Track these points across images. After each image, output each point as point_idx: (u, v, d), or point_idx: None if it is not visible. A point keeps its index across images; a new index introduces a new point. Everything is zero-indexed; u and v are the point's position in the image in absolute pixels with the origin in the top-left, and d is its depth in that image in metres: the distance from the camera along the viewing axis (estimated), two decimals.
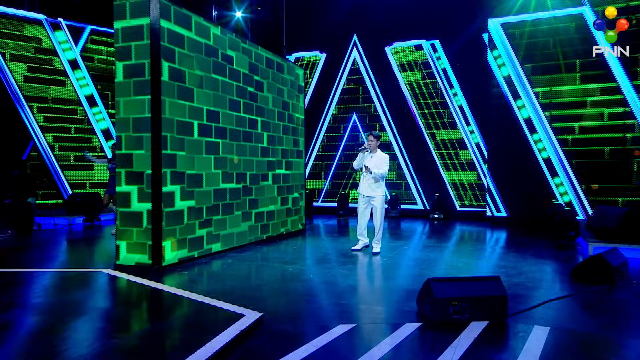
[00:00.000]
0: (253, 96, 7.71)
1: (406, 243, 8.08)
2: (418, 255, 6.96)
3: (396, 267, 6.14)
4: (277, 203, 8.47)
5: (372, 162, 6.90)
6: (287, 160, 8.82)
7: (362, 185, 6.97)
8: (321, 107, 12.98)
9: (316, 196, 13.11)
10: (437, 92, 11.75)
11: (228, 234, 7.07)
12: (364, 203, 7.02)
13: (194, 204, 6.31)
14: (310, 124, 13.01)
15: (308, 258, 6.74)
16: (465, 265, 6.17)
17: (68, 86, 11.56)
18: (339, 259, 6.67)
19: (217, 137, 6.81)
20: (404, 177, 12.19)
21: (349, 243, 7.42)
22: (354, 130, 12.69)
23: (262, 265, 6.22)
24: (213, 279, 5.60)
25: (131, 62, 5.70)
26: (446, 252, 7.14)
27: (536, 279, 5.44)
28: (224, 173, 6.99)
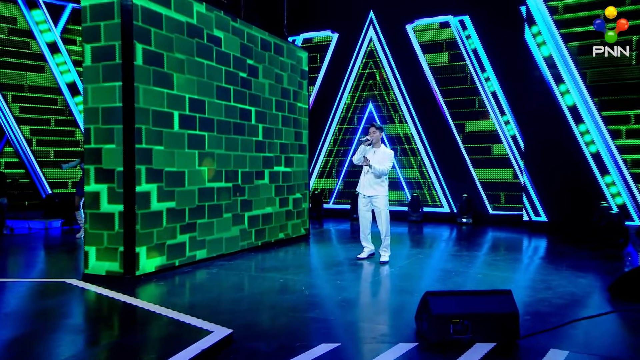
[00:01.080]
0: (246, 83, 7.74)
1: (424, 251, 8.03)
2: (435, 266, 6.92)
3: (406, 279, 6.11)
4: (274, 205, 8.49)
5: (375, 158, 6.91)
6: (287, 156, 8.84)
7: (363, 183, 6.98)
8: (333, 95, 12.98)
9: (327, 197, 13.12)
10: (467, 76, 11.63)
11: (215, 239, 7.12)
12: (364, 204, 7.02)
13: (174, 205, 6.37)
14: (320, 114, 13.02)
15: (305, 267, 6.76)
16: (486, 277, 6.10)
17: (47, 72, 11.79)
18: (340, 268, 6.67)
19: (202, 129, 6.86)
20: (427, 176, 12.11)
21: (358, 251, 7.41)
22: (370, 121, 12.62)
23: (251, 276, 6.26)
24: (193, 290, 5.64)
25: (100, 44, 5.79)
26: (468, 262, 7.07)
27: (566, 295, 5.34)
28: (212, 171, 7.02)
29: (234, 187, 7.49)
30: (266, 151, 8.26)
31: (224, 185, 7.30)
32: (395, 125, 12.39)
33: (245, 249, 7.76)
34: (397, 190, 12.43)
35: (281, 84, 8.67)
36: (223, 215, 7.28)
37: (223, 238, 7.28)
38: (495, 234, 10.16)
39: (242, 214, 7.69)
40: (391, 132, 12.42)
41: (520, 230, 10.37)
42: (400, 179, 12.36)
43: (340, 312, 4.71)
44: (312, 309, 4.78)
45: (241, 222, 7.67)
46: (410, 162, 12.27)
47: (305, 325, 4.35)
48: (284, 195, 8.76)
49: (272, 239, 8.41)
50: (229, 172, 7.40)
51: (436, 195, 12.05)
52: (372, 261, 7.05)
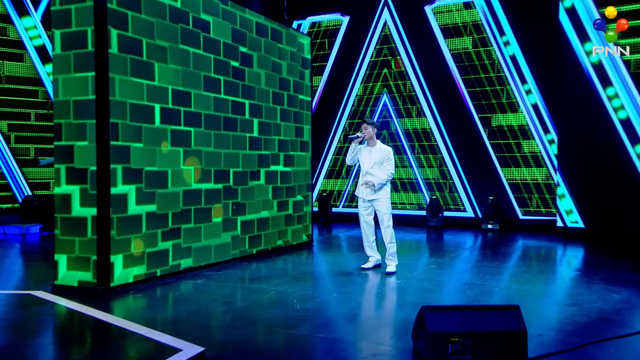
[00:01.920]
0: (238, 73, 7.76)
1: (440, 261, 8.00)
2: (450, 277, 6.89)
3: (413, 292, 6.09)
4: (272, 208, 8.51)
5: (371, 158, 6.90)
6: (286, 154, 8.84)
7: (361, 186, 6.98)
8: (343, 86, 12.97)
9: (336, 200, 13.11)
10: (493, 63, 11.54)
11: (203, 247, 7.15)
12: (365, 209, 7.05)
13: (154, 208, 6.41)
14: (329, 107, 13.02)
15: (302, 279, 6.77)
16: (504, 291, 6.04)
17: (26, 61, 11.95)
18: (341, 279, 6.68)
19: (188, 124, 6.89)
20: (448, 176, 12.04)
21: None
22: (385, 115, 12.60)
23: (240, 287, 6.30)
24: (173, 303, 5.67)
25: (71, 30, 5.84)
26: (487, 273, 7.02)
27: (593, 312, 5.27)
28: (198, 170, 7.06)
29: (224, 189, 7.50)
30: (262, 149, 8.27)
31: (213, 187, 7.32)
32: (413, 120, 12.34)
33: (238, 257, 7.77)
34: (414, 192, 12.37)
35: (279, 74, 8.68)
36: (212, 220, 7.31)
37: (212, 245, 7.31)
38: (525, 242, 10.08)
39: (234, 219, 7.71)
40: (408, 127, 12.37)
41: (553, 238, 10.25)
42: (418, 180, 12.30)
43: (333, 329, 4.70)
44: (301, 324, 4.78)
45: (233, 228, 7.69)
46: (429, 161, 12.21)
47: (290, 344, 4.34)
48: (283, 197, 8.76)
49: (269, 247, 8.41)
50: (219, 172, 7.42)
51: (458, 198, 11.98)
52: (378, 272, 7.05)
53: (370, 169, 6.90)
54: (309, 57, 9.50)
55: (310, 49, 9.67)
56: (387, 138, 12.50)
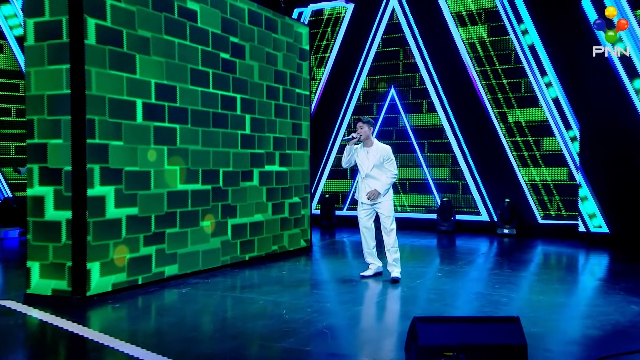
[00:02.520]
0: (229, 65, 7.78)
1: (448, 268, 8.00)
2: (456, 286, 6.87)
3: (413, 303, 6.09)
4: (266, 211, 8.52)
5: (370, 160, 6.92)
6: (282, 153, 8.85)
7: (361, 188, 7.02)
8: (347, 79, 12.97)
9: (340, 202, 13.11)
10: (511, 54, 11.49)
11: (189, 253, 7.17)
12: (366, 213, 7.06)
13: (136, 212, 6.43)
14: (332, 102, 13.03)
15: (295, 287, 6.78)
16: (513, 301, 6.01)
17: (6, 52, 12.04)
18: (338, 288, 6.68)
19: (173, 121, 6.92)
20: (461, 176, 12.01)
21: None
22: (393, 111, 12.60)
23: (228, 297, 6.31)
24: (153, 314, 5.69)
25: (44, 19, 5.87)
26: (497, 282, 7.00)
27: (607, 324, 5.22)
28: (184, 170, 7.08)
29: (213, 190, 7.52)
30: (255, 147, 8.28)
31: (201, 188, 7.34)
32: (423, 115, 12.32)
33: (228, 264, 7.79)
34: (424, 194, 12.35)
35: (274, 66, 8.69)
36: (200, 224, 7.32)
37: (199, 251, 7.32)
38: (544, 248, 10.05)
39: (224, 222, 7.72)
40: (418, 123, 12.36)
41: (575, 245, 10.18)
42: (428, 181, 12.28)
43: (320, 342, 4.68)
44: (287, 337, 4.77)
45: (223, 233, 7.71)
46: (440, 160, 12.18)
47: (271, 358, 4.34)
48: (278, 199, 8.77)
49: (262, 253, 8.42)
50: (207, 172, 7.44)
51: (472, 200, 11.95)
52: (378, 280, 7.04)
53: (370, 172, 6.89)
54: (307, 48, 9.50)
55: (310, 40, 9.67)
56: (395, 135, 12.48)
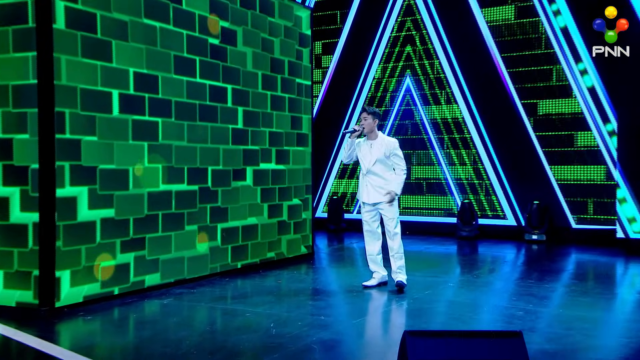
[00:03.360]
0: (218, 52, 7.80)
1: (464, 278, 7.99)
2: (470, 298, 6.84)
3: (417, 316, 6.06)
4: (261, 214, 8.53)
5: (373, 154, 6.89)
6: (279, 150, 8.86)
7: (364, 188, 6.99)
8: (358, 68, 12.96)
9: (350, 204, 13.10)
10: (540, 38, 11.40)
11: (173, 259, 7.20)
12: (371, 215, 7.05)
13: (112, 214, 6.48)
14: (341, 93, 13.02)
15: (289, 297, 6.79)
16: (529, 315, 5.97)
17: None
18: (336, 299, 6.70)
19: (154, 114, 6.95)
20: (484, 175, 11.94)
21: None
22: (408, 102, 12.55)
23: (212, 308, 6.33)
24: (129, 328, 5.71)
25: (8, 2, 5.92)
26: (515, 294, 6.97)
27: (635, 342, 5.19)
28: (167, 169, 7.11)
29: (200, 190, 7.54)
30: (249, 143, 8.30)
31: (187, 189, 7.37)
32: (442, 107, 12.26)
33: (218, 272, 7.81)
34: (442, 195, 12.30)
35: (271, 54, 8.70)
36: (185, 228, 7.35)
37: (184, 258, 7.35)
38: (578, 256, 9.98)
39: (212, 226, 7.74)
40: (436, 116, 12.31)
41: (613, 252, 10.04)
42: (447, 180, 12.22)
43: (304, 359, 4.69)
44: (270, 353, 4.78)
45: (212, 237, 7.73)
46: (461, 157, 12.13)
47: None
48: (275, 201, 8.78)
49: (257, 260, 8.44)
50: (194, 171, 7.47)
51: (497, 203, 11.88)
52: (382, 290, 7.03)
53: (372, 167, 6.87)
54: (309, 33, 9.51)
55: (315, 24, 9.67)
56: (410, 130, 12.45)
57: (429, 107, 12.37)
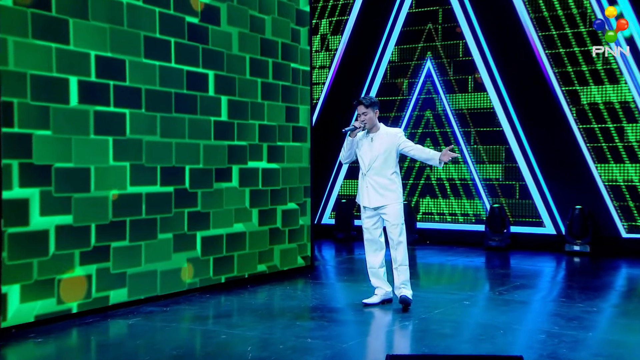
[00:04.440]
0: (197, 32, 7.79)
1: (484, 295, 7.98)
2: (485, 318, 6.83)
3: (418, 338, 6.02)
4: (249, 220, 8.53)
5: (374, 150, 6.87)
6: (271, 146, 8.85)
7: (364, 190, 6.98)
8: (370, 50, 12.95)
9: None
10: (585, 13, 11.31)
11: (144, 273, 7.20)
12: (372, 222, 7.05)
13: (70, 220, 6.49)
14: (351, 80, 13.01)
15: (276, 317, 6.79)
16: (553, 338, 5.90)
17: None
18: (330, 319, 6.65)
19: (121, 104, 6.94)
20: (518, 176, 11.86)
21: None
22: (429, 90, 12.52)
23: (185, 329, 6.34)
24: (93, 351, 5.70)
25: None
26: (540, 313, 6.89)
27: None
28: (136, 167, 7.12)
29: (176, 193, 7.54)
30: (234, 138, 8.29)
31: (160, 191, 7.37)
32: (469, 96, 12.22)
33: (197, 288, 7.81)
34: (468, 198, 12.24)
35: (261, 34, 8.69)
36: (157, 236, 7.35)
37: (157, 272, 7.35)
38: (629, 270, 9.95)
39: (191, 234, 7.74)
40: (461, 106, 12.26)
41: None
42: (474, 181, 12.16)
43: None
44: None
45: (190, 247, 7.73)
46: (491, 154, 12.07)
47: None
48: (267, 205, 8.77)
49: (245, 274, 8.43)
50: (168, 171, 7.46)
51: (532, 207, 11.81)
52: (386, 309, 7.01)
53: (374, 164, 6.84)
54: (307, 10, 9.50)
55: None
56: (432, 122, 12.41)
57: (453, 95, 12.33)
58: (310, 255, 9.53)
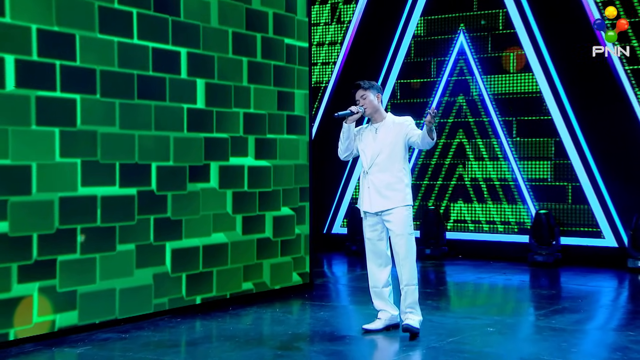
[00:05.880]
0: (166, 1, 7.80)
1: (510, 320, 7.92)
2: (510, 349, 6.79)
3: None
4: (232, 229, 8.53)
5: (378, 141, 6.87)
6: (259, 139, 8.85)
7: (365, 192, 6.98)
8: (391, 21, 12.99)
9: None
10: None
11: (99, 292, 7.20)
12: (375, 231, 7.04)
13: (6, 228, 6.48)
14: (367, 57, 13.03)
15: (255, 346, 6.78)
16: None
17: None
18: (320, 349, 6.65)
19: (69, 89, 6.93)
20: (571, 176, 11.82)
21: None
22: (462, 70, 12.51)
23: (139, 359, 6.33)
24: None
25: None
26: (579, 345, 6.93)
27: None
28: (89, 165, 7.12)
29: (140, 196, 7.55)
30: (213, 129, 8.29)
31: (119, 193, 7.37)
32: (511, 77, 12.20)
33: (167, 310, 7.81)
34: (509, 203, 12.21)
35: (246, 3, 8.69)
36: (116, 248, 7.36)
37: (116, 291, 7.36)
38: None
39: (158, 246, 7.75)
40: (501, 90, 12.21)
41: None
42: (517, 182, 12.11)
43: None
44: None
45: (157, 262, 7.74)
46: (538, 149, 12.03)
47: None
48: (254, 211, 8.78)
49: (226, 293, 8.44)
50: (130, 169, 7.47)
51: (588, 214, 11.79)
52: (391, 336, 6.99)
53: (377, 160, 6.83)
54: None
55: None
56: (466, 109, 12.38)
57: (491, 77, 12.30)
58: (309, 271, 9.49)
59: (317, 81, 13.38)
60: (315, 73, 13.31)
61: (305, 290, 9.40)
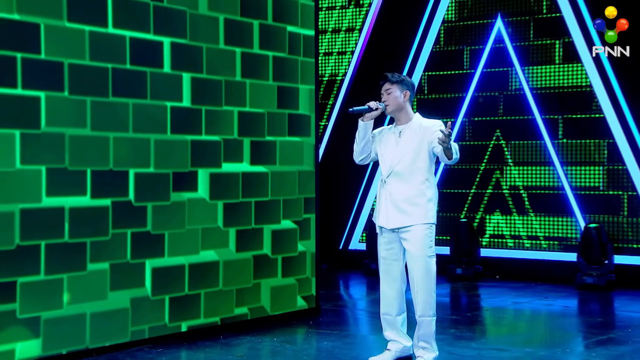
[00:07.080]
0: None
1: (544, 352, 7.92)
2: None
3: None
4: (225, 245, 8.58)
5: (401, 145, 6.87)
6: (256, 142, 8.89)
7: (382, 204, 6.98)
8: (416, 5, 13.11)
9: None
10: None
11: (66, 318, 7.24)
12: (389, 247, 7.04)
13: None
14: (389, 46, 13.08)
15: None
16: None
17: None
18: None
19: (32, 85, 7.00)
20: (627, 184, 11.85)
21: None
22: (500, 60, 12.50)
23: None
24: None
25: None
26: None
27: None
28: (55, 172, 7.18)
29: (115, 207, 7.60)
30: (202, 131, 8.36)
31: (91, 205, 7.43)
32: (556, 69, 12.20)
33: (147, 339, 7.85)
34: (555, 215, 12.17)
35: None
36: (87, 267, 7.42)
37: (86, 316, 7.42)
38: None
39: (137, 264, 7.81)
40: (546, 84, 12.21)
41: None
42: (564, 190, 12.09)
43: None
44: None
45: (136, 283, 7.80)
46: (588, 152, 12.04)
47: None
48: (249, 224, 8.83)
49: (217, 319, 8.48)
50: (104, 176, 7.54)
51: None
52: None
53: (398, 167, 6.83)
54: None
55: None
56: (503, 106, 12.39)
57: (533, 68, 12.31)
58: (315, 294, 9.50)
59: (332, 73, 13.42)
60: (330, 64, 13.37)
61: (311, 316, 9.39)
